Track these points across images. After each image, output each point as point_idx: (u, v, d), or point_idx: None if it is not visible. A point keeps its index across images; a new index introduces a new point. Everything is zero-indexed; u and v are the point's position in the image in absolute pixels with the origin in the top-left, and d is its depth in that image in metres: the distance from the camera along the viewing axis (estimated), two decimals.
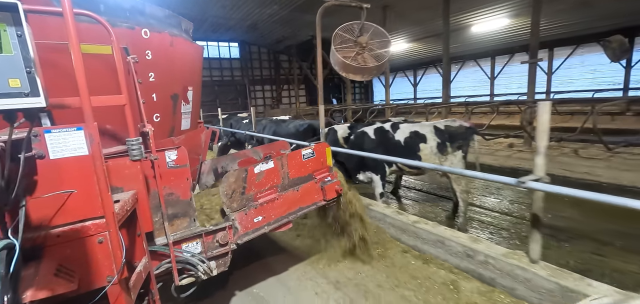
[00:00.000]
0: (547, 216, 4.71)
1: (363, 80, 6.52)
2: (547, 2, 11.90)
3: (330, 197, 3.09)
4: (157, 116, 2.76)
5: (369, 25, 5.73)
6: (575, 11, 13.18)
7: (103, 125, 2.15)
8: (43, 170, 1.38)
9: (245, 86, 24.46)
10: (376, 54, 5.67)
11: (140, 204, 2.04)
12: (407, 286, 2.96)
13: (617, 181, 6.05)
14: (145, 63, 2.54)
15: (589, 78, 16.33)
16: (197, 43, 3.39)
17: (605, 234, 4.53)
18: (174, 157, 2.32)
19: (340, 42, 5.63)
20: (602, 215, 4.83)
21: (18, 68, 0.99)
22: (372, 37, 5.76)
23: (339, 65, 5.65)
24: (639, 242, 4.20)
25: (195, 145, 3.46)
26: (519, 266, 2.63)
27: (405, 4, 14.07)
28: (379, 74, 6.12)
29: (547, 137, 2.53)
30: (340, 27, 5.63)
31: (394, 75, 27.72)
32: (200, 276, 2.40)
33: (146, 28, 2.54)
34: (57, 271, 1.37)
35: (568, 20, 14.29)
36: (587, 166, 6.93)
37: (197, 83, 3.46)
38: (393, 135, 5.23)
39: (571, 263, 3.99)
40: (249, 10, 16.25)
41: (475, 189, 6.76)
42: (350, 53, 5.62)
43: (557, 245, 4.49)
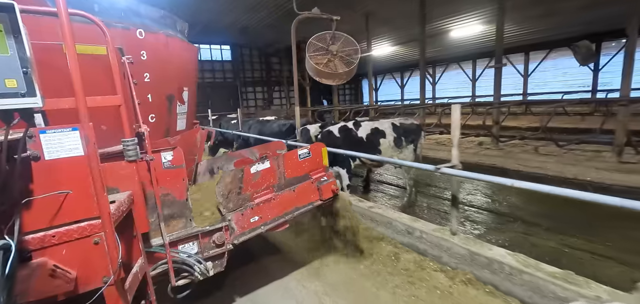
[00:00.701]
0: (494, 203, 6.08)
1: (335, 84, 7.23)
2: (517, 10, 12.91)
3: (327, 197, 3.11)
4: (152, 117, 2.75)
5: (340, 34, 6.46)
6: (543, 18, 14.06)
7: (98, 125, 2.14)
8: (38, 171, 1.37)
9: (237, 87, 25.05)
10: (346, 60, 6.41)
11: (136, 204, 2.04)
12: (360, 259, 3.46)
13: (561, 174, 6.96)
14: (140, 63, 2.54)
15: (561, 80, 17.37)
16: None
17: (537, 217, 5.26)
18: (170, 158, 2.32)
19: (314, 50, 6.32)
20: (537, 202, 5.65)
21: (14, 68, 0.99)
22: (343, 45, 6.51)
23: (312, 71, 6.34)
24: (561, 223, 4.93)
25: (190, 145, 3.46)
26: (443, 239, 3.17)
27: (386, 11, 14.82)
28: (350, 78, 6.75)
29: (459, 132, 3.14)
30: (314, 37, 6.32)
31: (382, 77, 28.53)
32: (197, 277, 2.40)
33: (141, 28, 2.54)
34: (53, 272, 1.36)
35: (539, 27, 15.20)
36: (540, 162, 7.70)
37: (192, 84, 3.45)
38: (356, 133, 5.87)
39: (501, 240, 4.66)
40: (237, 15, 16.85)
41: (439, 181, 7.36)
42: (322, 60, 6.36)
43: (496, 227, 5.23)
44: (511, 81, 19.61)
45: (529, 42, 17.13)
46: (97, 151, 1.53)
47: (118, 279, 1.61)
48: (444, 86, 23.31)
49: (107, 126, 2.27)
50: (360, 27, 15.31)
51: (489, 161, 8.49)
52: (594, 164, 7.12)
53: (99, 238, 1.53)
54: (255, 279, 3.31)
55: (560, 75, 17.47)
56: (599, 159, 7.33)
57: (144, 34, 2.57)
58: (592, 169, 6.90)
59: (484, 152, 9.18)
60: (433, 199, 6.61)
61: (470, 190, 6.80)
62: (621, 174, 6.48)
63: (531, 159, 7.99)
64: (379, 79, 28.89)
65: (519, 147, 9.09)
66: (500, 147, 9.43)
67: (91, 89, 1.75)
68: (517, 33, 16.50)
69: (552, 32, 15.50)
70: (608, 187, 6.20)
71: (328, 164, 3.23)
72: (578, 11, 12.54)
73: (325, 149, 3.18)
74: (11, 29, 0.96)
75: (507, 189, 6.14)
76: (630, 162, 6.93)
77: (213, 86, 23.92)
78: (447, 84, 23.18)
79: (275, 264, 3.60)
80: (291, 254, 3.79)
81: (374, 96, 28.71)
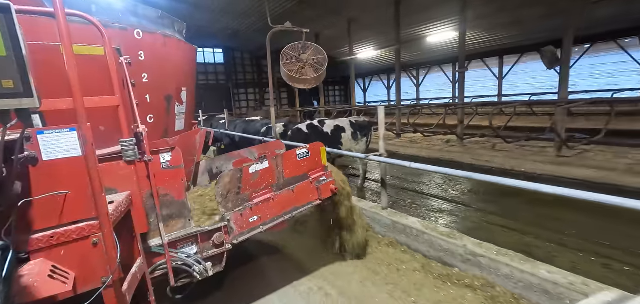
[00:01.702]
0: (441, 190, 6.96)
1: (306, 88, 8.19)
2: (485, 18, 14.30)
3: (326, 196, 3.11)
4: (151, 117, 2.75)
5: (310, 44, 7.51)
6: (511, 25, 15.15)
7: (96, 126, 2.13)
8: (36, 171, 1.37)
9: (229, 89, 25.90)
10: (316, 67, 7.39)
11: (135, 205, 2.04)
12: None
13: (503, 166, 7.97)
14: (138, 64, 2.53)
15: (531, 83, 18.55)
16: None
17: (473, 200, 6.26)
18: (168, 158, 2.32)
19: (287, 59, 7.27)
20: (482, 189, 6.60)
21: (11, 69, 0.99)
22: (313, 54, 7.47)
23: (286, 77, 7.27)
24: (491, 204, 5.95)
25: (189, 146, 3.45)
26: (376, 213, 4.08)
27: (367, 18, 15.77)
28: (319, 82, 7.88)
29: (384, 128, 4.09)
30: (287, 46, 7.25)
31: (371, 79, 29.73)
32: (196, 277, 2.39)
33: (139, 29, 2.54)
34: (51, 273, 1.36)
35: (509, 32, 16.26)
36: (491, 156, 8.66)
37: (191, 84, 3.45)
38: (322, 129, 6.95)
39: (435, 217, 5.62)
40: (229, 21, 17.60)
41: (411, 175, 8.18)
42: (294, 67, 7.34)
43: (436, 207, 6.13)
44: (488, 82, 20.81)
45: (503, 46, 18.21)
46: (95, 151, 1.53)
47: (117, 280, 1.61)
48: (427, 87, 24.49)
49: (105, 126, 2.26)
50: (343, 33, 16.43)
51: (449, 156, 9.40)
52: (535, 158, 7.99)
53: (98, 239, 1.53)
54: (255, 279, 3.31)
55: (530, 78, 18.63)
56: (542, 154, 8.22)
57: (142, 34, 2.57)
58: (530, 162, 7.78)
59: (448, 149, 10.10)
60: (400, 190, 7.33)
61: (426, 181, 7.63)
62: (553, 166, 7.33)
63: (485, 154, 8.93)
64: (368, 81, 30.14)
65: (480, 145, 10.09)
66: (464, 144, 10.30)
67: (89, 90, 1.75)
68: (490, 38, 17.56)
69: (522, 37, 16.50)
70: (538, 177, 6.88)
71: (327, 164, 3.23)
72: (540, 19, 13.50)
73: (324, 149, 3.18)
74: (7, 29, 0.96)
75: (457, 179, 7.22)
76: (566, 156, 7.85)
77: (206, 88, 24.54)
78: (430, 85, 24.34)
79: (274, 264, 3.60)
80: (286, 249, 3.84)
81: (364, 96, 30.27)
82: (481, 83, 21.17)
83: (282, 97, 28.27)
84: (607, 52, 15.60)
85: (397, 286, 3.00)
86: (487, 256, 2.89)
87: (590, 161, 7.33)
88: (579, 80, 16.52)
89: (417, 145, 11.16)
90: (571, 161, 7.47)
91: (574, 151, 8.10)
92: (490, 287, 2.74)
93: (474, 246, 3.03)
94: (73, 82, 1.43)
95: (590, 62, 16.23)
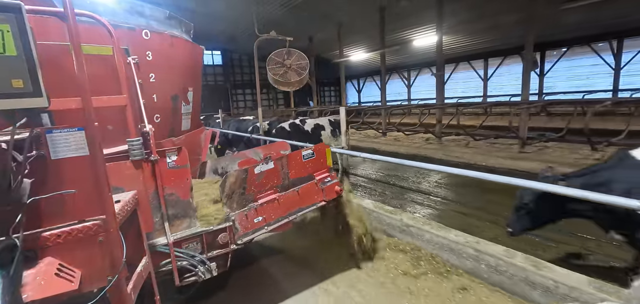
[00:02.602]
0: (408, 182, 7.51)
1: (289, 90, 9.23)
2: (465, 23, 15.30)
3: (330, 198, 3.10)
4: (157, 117, 2.76)
5: (294, 51, 8.32)
6: (490, 30, 16.01)
7: (104, 125, 2.15)
8: (44, 170, 1.38)
9: (227, 90, 26.73)
10: (298, 71, 8.31)
11: (141, 204, 2.05)
12: None
13: (470, 161, 8.66)
14: (145, 64, 2.55)
15: (514, 84, 19.13)
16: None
17: (440, 190, 6.77)
18: (174, 158, 2.33)
19: (273, 64, 8.16)
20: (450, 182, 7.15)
21: (21, 68, 1.00)
22: (296, 59, 8.33)
23: (272, 80, 8.20)
24: (451, 192, 6.59)
25: (195, 145, 3.47)
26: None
27: (355, 23, 16.75)
28: (301, 85, 8.69)
29: (345, 125, 5.22)
30: (273, 53, 8.18)
31: (365, 79, 30.75)
32: (201, 277, 2.40)
33: (147, 29, 2.55)
34: (58, 271, 1.37)
35: (490, 37, 17.10)
36: (461, 152, 9.44)
37: (197, 84, 3.47)
38: (303, 127, 7.62)
39: (398, 203, 6.14)
40: (224, 27, 18.64)
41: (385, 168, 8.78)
42: (279, 71, 8.22)
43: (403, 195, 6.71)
44: (474, 84, 21.59)
45: (487, 49, 19.09)
46: (103, 150, 1.53)
47: (122, 279, 1.61)
48: (418, 88, 25.64)
49: (112, 125, 2.28)
50: (333, 37, 17.49)
51: (425, 152, 10.22)
52: (500, 154, 8.73)
53: (104, 238, 1.53)
54: (258, 279, 3.31)
55: (513, 79, 19.32)
56: (507, 151, 9.01)
57: (150, 34, 2.59)
58: (494, 157, 8.52)
59: (425, 146, 10.96)
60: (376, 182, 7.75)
61: (402, 175, 8.04)
62: (512, 161, 8.04)
63: (457, 151, 9.71)
64: (362, 82, 31.15)
65: (455, 142, 10.85)
66: (441, 142, 11.10)
67: (98, 90, 1.76)
68: (475, 42, 18.41)
69: (503, 41, 17.36)
70: (496, 170, 7.47)
71: (332, 165, 3.22)
72: (516, 24, 14.05)
73: (329, 150, 3.17)
74: (18, 29, 0.97)
75: (428, 172, 7.75)
76: (527, 152, 8.57)
77: (205, 88, 25.25)
78: (420, 86, 25.49)
79: (276, 264, 3.60)
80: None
81: (358, 97, 31.46)
82: (467, 84, 22.11)
83: (279, 98, 29.05)
84: (582, 55, 16.54)
85: None
86: (415, 226, 3.63)
87: (546, 156, 8.08)
88: (557, 81, 17.69)
89: (399, 143, 12.08)
90: (529, 156, 8.22)
91: (535, 147, 8.86)
92: (417, 250, 3.45)
93: (407, 219, 3.80)
94: (81, 81, 1.44)
95: (568, 64, 17.23)
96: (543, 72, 18.10)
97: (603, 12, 12.26)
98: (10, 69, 0.98)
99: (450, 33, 16.70)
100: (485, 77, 20.92)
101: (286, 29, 8.56)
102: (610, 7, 11.19)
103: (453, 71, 22.69)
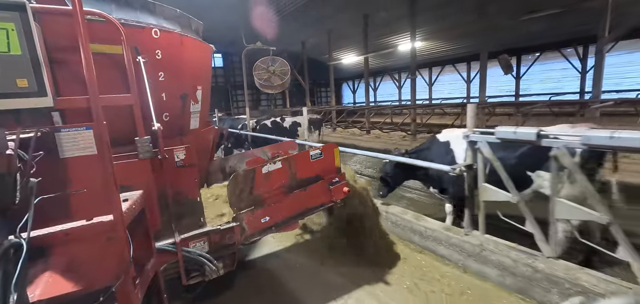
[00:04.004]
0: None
1: (273, 93, 10.98)
2: (441, 32, 17.07)
3: (338, 198, 3.05)
4: (166, 116, 2.76)
5: (277, 58, 10.07)
6: (465, 37, 17.25)
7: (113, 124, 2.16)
8: (52, 169, 1.39)
9: (227, 90, 28.36)
10: (281, 76, 10.05)
11: (149, 203, 2.05)
12: None
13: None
14: (155, 63, 2.55)
15: (493, 86, 20.72)
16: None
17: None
18: (183, 157, 2.33)
19: (259, 70, 9.92)
20: None
21: (26, 68, 0.99)
22: (280, 66, 10.07)
23: (257, 84, 10.05)
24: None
25: (204, 145, 3.47)
26: None
27: (343, 30, 18.39)
28: (284, 88, 10.23)
29: (307, 122, 7.43)
30: (259, 60, 9.96)
31: (359, 81, 32.13)
32: (208, 276, 2.40)
33: (156, 28, 2.55)
34: (66, 270, 1.38)
35: (467, 43, 18.46)
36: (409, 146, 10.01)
37: (206, 82, 3.46)
38: (282, 124, 8.84)
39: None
40: (224, 32, 19.80)
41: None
42: (264, 76, 10.01)
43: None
44: (458, 86, 23.05)
45: (469, 53, 20.33)
46: (111, 149, 1.53)
47: (129, 277, 1.61)
48: (407, 89, 27.87)
49: (121, 124, 2.29)
50: (323, 42, 19.20)
51: (400, 146, 10.81)
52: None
53: (111, 236, 1.53)
54: (265, 279, 3.30)
55: (493, 82, 20.84)
56: None
57: (159, 33, 2.58)
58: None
59: (401, 142, 11.99)
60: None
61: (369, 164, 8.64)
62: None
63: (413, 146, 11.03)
64: (356, 83, 32.67)
65: (426, 138, 11.99)
66: (416, 138, 12.10)
67: (106, 89, 1.76)
68: (454, 47, 19.94)
69: (482, 46, 18.87)
70: None
71: (340, 165, 3.17)
72: (484, 32, 15.06)
73: (337, 150, 3.12)
74: (23, 28, 0.96)
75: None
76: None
77: None
78: (409, 87, 26.57)
79: (282, 264, 3.58)
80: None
81: (353, 97, 33.09)
82: (453, 86, 23.54)
83: (277, 99, 30.50)
84: (553, 60, 18.11)
85: None
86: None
87: None
88: (532, 84, 19.40)
89: (379, 139, 13.20)
90: None
91: None
92: None
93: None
94: (90, 80, 1.44)
95: (541, 68, 18.85)
96: (519, 75, 19.65)
97: (564, 21, 13.17)
98: (15, 68, 0.98)
99: (430, 39, 18.74)
100: (469, 79, 22.23)
101: (281, 35, 10.30)
102: (567, 17, 12.17)
103: (439, 73, 24.32)
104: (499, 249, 2.91)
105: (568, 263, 2.55)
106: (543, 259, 2.64)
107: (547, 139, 2.54)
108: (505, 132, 2.79)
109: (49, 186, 1.37)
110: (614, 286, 2.23)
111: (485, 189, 3.06)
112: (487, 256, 2.97)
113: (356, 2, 14.72)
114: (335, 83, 32.71)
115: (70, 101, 1.48)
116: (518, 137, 2.68)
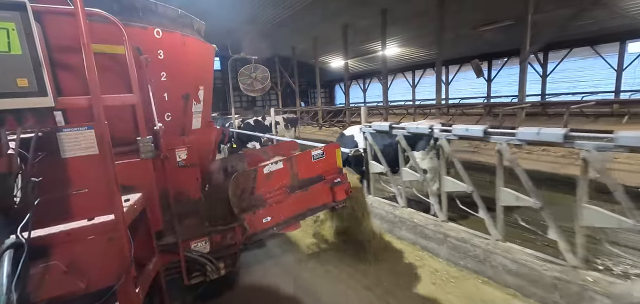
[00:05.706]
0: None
1: (255, 95, 13.23)
2: (420, 38, 19.13)
3: (340, 199, 3.04)
4: (168, 116, 2.76)
5: (259, 66, 12.34)
6: (436, 44, 17.83)
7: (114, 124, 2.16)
8: (53, 169, 1.39)
9: (225, 92, 29.21)
10: (261, 81, 12.33)
11: (150, 203, 2.05)
12: None
13: None
14: (157, 63, 2.55)
15: (469, 89, 23.34)
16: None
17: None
18: (184, 157, 2.33)
19: (243, 76, 12.09)
20: None
21: (26, 67, 0.99)
22: (261, 72, 12.31)
23: (242, 88, 12.19)
24: None
25: (206, 144, 3.47)
26: None
27: (328, 36, 20.01)
28: (264, 92, 12.66)
29: (283, 122, 10.96)
30: (243, 67, 12.20)
31: (350, 82, 34.05)
32: (209, 276, 2.39)
33: (158, 28, 2.55)
34: (67, 270, 1.38)
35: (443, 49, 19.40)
36: None
37: (208, 82, 3.45)
38: (263, 122, 9.86)
39: None
40: (220, 38, 20.92)
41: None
42: (247, 81, 12.21)
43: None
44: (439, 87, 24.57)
45: (447, 58, 21.57)
46: (112, 149, 1.53)
47: (131, 277, 1.61)
48: (394, 91, 29.05)
49: (123, 124, 2.29)
50: (309, 48, 21.47)
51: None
52: None
53: (113, 236, 1.53)
54: (266, 278, 3.29)
55: (467, 85, 23.44)
56: None
57: (162, 33, 2.58)
58: None
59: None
60: None
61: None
62: None
63: None
64: (368, 82, 33.79)
65: None
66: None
67: (108, 89, 1.76)
68: (431, 53, 20.91)
69: (457, 52, 20.47)
70: None
71: (342, 165, 3.16)
72: (451, 41, 17.15)
73: (339, 150, 3.11)
74: (23, 27, 0.96)
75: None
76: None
77: None
78: (395, 89, 29.07)
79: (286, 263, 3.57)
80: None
81: (364, 96, 34.57)
82: (432, 88, 26.27)
83: (272, 98, 32.18)
84: (518, 64, 19.90)
85: None
86: None
87: None
88: (502, 87, 21.36)
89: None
90: None
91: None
92: None
93: None
94: (91, 80, 1.44)
95: (508, 72, 20.76)
96: (490, 79, 21.59)
97: (514, 31, 13.93)
98: (15, 68, 0.97)
99: (406, 45, 20.93)
100: (447, 82, 24.02)
101: (273, 41, 11.35)
102: (517, 29, 13.02)
103: (422, 76, 26.49)
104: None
105: (411, 210, 4.05)
106: (400, 209, 4.12)
107: (395, 130, 3.97)
108: (378, 125, 4.26)
109: (51, 186, 1.37)
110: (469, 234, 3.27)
111: (371, 164, 4.46)
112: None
113: (335, 13, 16.36)
114: (328, 84, 34.14)
115: (71, 100, 1.48)
116: (381, 128, 4.18)
